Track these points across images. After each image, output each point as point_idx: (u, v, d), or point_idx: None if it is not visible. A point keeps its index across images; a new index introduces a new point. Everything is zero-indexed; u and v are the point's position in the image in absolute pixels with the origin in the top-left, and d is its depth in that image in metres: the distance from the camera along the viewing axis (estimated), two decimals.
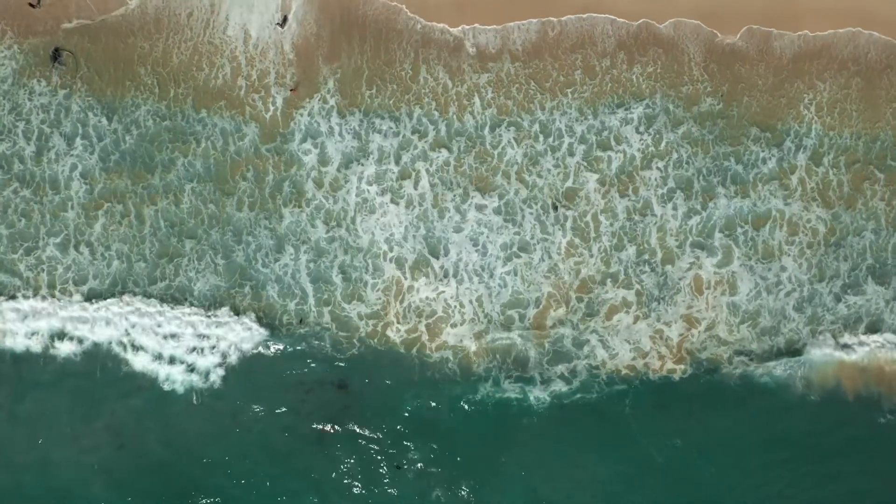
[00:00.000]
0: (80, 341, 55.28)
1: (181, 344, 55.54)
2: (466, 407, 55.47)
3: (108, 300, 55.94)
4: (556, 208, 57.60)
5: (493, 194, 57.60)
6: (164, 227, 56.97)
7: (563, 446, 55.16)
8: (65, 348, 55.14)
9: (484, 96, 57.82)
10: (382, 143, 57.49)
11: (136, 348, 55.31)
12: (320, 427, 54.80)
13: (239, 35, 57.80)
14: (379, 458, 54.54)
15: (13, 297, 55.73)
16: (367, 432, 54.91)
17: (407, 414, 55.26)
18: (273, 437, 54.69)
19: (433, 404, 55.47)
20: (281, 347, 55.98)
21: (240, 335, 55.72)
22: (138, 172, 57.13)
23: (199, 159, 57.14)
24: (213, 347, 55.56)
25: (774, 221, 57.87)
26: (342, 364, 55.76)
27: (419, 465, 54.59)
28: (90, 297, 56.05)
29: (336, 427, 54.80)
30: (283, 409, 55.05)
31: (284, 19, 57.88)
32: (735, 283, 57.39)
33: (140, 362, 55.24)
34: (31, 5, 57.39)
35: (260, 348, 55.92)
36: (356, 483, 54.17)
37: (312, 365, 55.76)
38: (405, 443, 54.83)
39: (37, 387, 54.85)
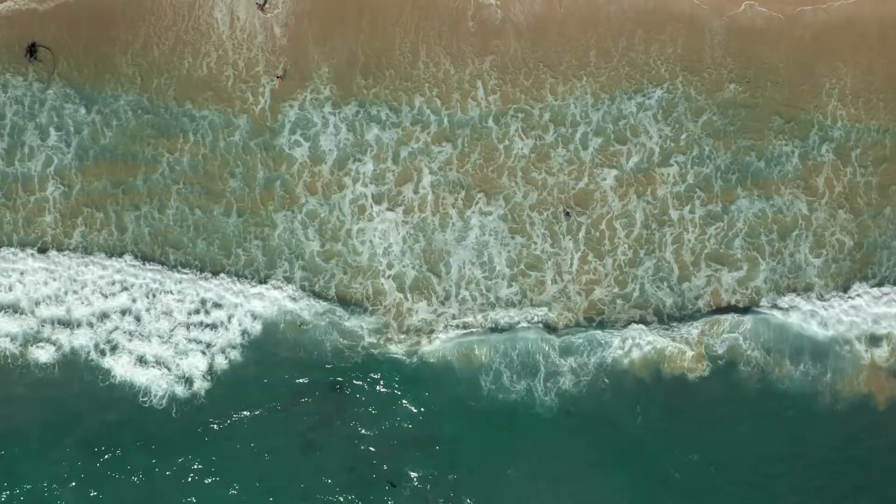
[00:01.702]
0: (58, 346, 52.66)
1: (170, 346, 53.25)
2: (467, 412, 53.40)
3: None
4: (568, 215, 54.68)
5: (499, 197, 54.67)
6: (147, 237, 54.09)
7: (572, 458, 53.12)
8: (42, 355, 52.55)
9: (488, 81, 54.65)
10: (381, 135, 54.44)
11: (118, 353, 52.80)
12: (313, 433, 52.93)
13: (226, 17, 54.54)
14: (373, 466, 52.62)
15: None
16: (362, 436, 52.84)
17: (404, 416, 53.25)
18: (263, 443, 52.70)
19: (432, 408, 53.48)
20: (276, 349, 53.68)
21: (232, 335, 53.47)
22: (118, 172, 54.00)
23: (185, 156, 54.10)
24: (203, 353, 53.24)
25: (800, 230, 55.02)
26: (337, 366, 53.53)
27: (417, 471, 52.84)
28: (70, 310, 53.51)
29: (329, 432, 52.86)
30: (275, 412, 52.97)
31: (265, 1, 54.38)
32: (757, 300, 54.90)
33: (121, 368, 52.65)
34: None
35: (253, 349, 53.55)
36: (349, 494, 52.36)
37: (306, 367, 53.45)
38: (401, 448, 52.86)
39: (10, 396, 52.41)
